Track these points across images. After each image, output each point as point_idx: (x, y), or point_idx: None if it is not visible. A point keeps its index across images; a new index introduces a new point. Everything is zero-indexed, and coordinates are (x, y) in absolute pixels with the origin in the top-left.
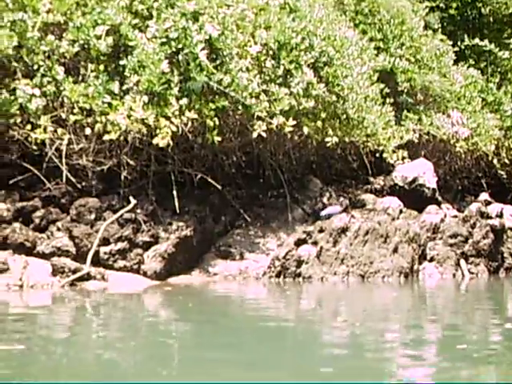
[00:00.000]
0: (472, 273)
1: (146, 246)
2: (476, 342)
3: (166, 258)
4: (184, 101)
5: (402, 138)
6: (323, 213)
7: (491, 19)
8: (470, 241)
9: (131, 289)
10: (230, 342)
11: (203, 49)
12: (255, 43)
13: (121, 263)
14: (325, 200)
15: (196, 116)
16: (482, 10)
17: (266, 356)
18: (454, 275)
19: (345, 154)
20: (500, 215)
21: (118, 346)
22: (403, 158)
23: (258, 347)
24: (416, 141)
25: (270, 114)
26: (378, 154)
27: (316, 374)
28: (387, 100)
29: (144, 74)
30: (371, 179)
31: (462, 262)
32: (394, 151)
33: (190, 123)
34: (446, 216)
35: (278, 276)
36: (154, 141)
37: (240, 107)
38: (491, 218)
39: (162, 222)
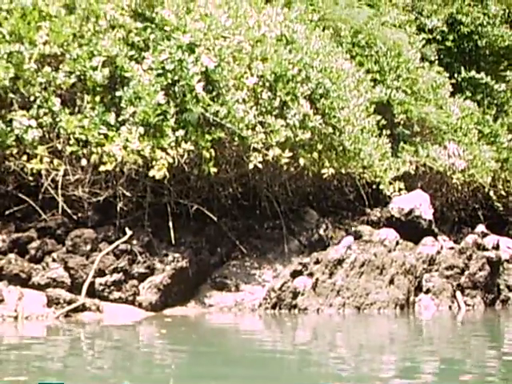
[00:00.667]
0: (468, 305)
1: (142, 278)
2: (474, 374)
3: (161, 289)
4: (180, 132)
5: (398, 169)
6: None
7: (487, 52)
8: (466, 273)
9: (126, 320)
10: (226, 373)
11: (199, 80)
12: (252, 75)
13: (116, 294)
14: (321, 231)
15: (192, 147)
16: (479, 42)
17: None
18: (450, 307)
19: (341, 185)
20: (496, 247)
21: (112, 381)
22: (400, 190)
23: (254, 379)
24: (413, 172)
25: (266, 145)
26: (374, 186)
27: None
28: (384, 132)
29: (140, 105)
30: (368, 211)
31: (458, 294)
32: (390, 183)
33: (186, 155)
34: (442, 248)
35: (273, 308)
36: (151, 173)
37: (236, 139)
38: (487, 249)
39: (157, 254)
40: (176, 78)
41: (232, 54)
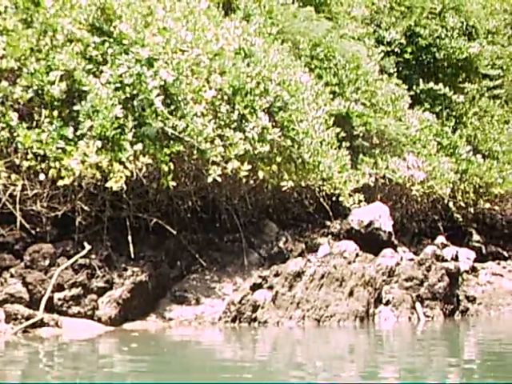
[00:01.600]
0: (427, 316)
1: (101, 292)
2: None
3: (120, 303)
4: (138, 146)
5: (358, 181)
6: (318, 255)
7: (446, 64)
8: (426, 284)
9: (85, 335)
10: None
11: (158, 94)
12: (210, 88)
13: (75, 309)
14: (281, 244)
15: (150, 161)
16: (437, 54)
17: None
18: (410, 318)
19: (301, 197)
20: (455, 258)
21: None
22: (359, 202)
23: None
24: (372, 184)
25: (225, 158)
26: (334, 198)
27: None
28: (343, 144)
29: (97, 119)
30: (328, 223)
31: (418, 305)
32: (350, 195)
33: (144, 168)
34: (402, 259)
35: (233, 321)
36: (108, 184)
37: (195, 152)
38: (447, 261)
39: (116, 268)
40: (134, 91)
41: (190, 68)
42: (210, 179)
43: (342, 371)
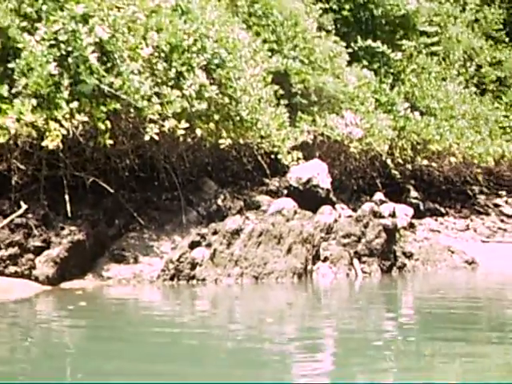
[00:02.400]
0: (365, 272)
1: (38, 251)
2: (371, 334)
3: (58, 262)
4: (74, 104)
5: (296, 139)
6: (270, 211)
7: (383, 21)
8: (363, 240)
9: (23, 294)
10: (123, 347)
11: (93, 51)
12: (147, 45)
13: (12, 269)
14: (219, 202)
15: (87, 119)
16: (375, 11)
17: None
18: (348, 275)
19: (239, 155)
20: (393, 215)
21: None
22: (298, 159)
23: (153, 348)
24: (310, 142)
25: (162, 116)
26: (272, 156)
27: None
28: (281, 101)
29: (32, 76)
30: (266, 181)
31: (356, 261)
32: (288, 152)
33: (80, 126)
34: (340, 216)
35: (171, 279)
36: (44, 143)
37: (132, 110)
38: (384, 217)
39: (54, 227)
40: (69, 48)
41: (127, 25)
42: (147, 137)
43: (280, 326)
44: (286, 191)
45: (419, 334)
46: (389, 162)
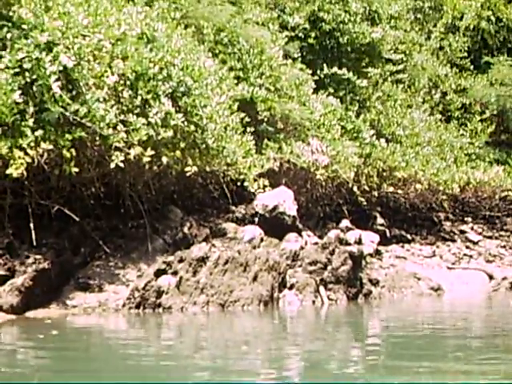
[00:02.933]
0: (331, 299)
1: (2, 280)
2: (338, 365)
3: (22, 291)
4: (39, 132)
5: (262, 166)
6: (246, 238)
7: (349, 48)
8: (329, 267)
9: None
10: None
11: (58, 79)
12: (112, 73)
13: None
14: (185, 230)
15: (52, 147)
16: (340, 39)
17: None
18: (314, 302)
19: (206, 183)
20: (358, 242)
21: None
22: (264, 187)
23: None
24: (277, 169)
25: (127, 144)
26: (239, 183)
27: None
28: (247, 129)
29: None
30: (233, 208)
31: (322, 288)
32: (255, 180)
33: (45, 154)
34: (306, 243)
35: (137, 307)
36: (8, 171)
37: (97, 138)
38: (350, 244)
39: (18, 255)
40: (34, 77)
41: (92, 53)
42: (112, 165)
43: (247, 355)
44: (251, 219)
45: (385, 363)
46: (355, 189)
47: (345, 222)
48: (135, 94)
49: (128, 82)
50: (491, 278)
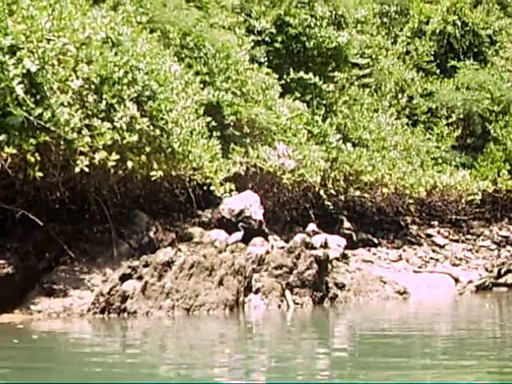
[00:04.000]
0: (297, 303)
1: None
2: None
3: None
4: (3, 136)
5: (229, 170)
6: (230, 241)
7: (316, 53)
8: (295, 272)
9: None
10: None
11: (21, 83)
12: (77, 78)
13: None
14: (151, 234)
15: (16, 151)
16: (307, 43)
17: None
18: (280, 306)
19: (172, 187)
20: (324, 245)
21: None
22: (231, 191)
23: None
24: (243, 173)
25: (92, 148)
26: (205, 187)
27: None
28: (214, 133)
29: None
30: (199, 212)
31: (287, 292)
32: (221, 184)
33: (9, 159)
34: (272, 247)
35: (102, 312)
36: None
37: (62, 142)
38: (316, 248)
39: None
40: None
41: (56, 57)
42: (77, 169)
43: (213, 359)
44: (218, 223)
45: (351, 367)
46: (322, 193)
47: (311, 226)
48: (100, 98)
49: (93, 86)
50: (457, 281)
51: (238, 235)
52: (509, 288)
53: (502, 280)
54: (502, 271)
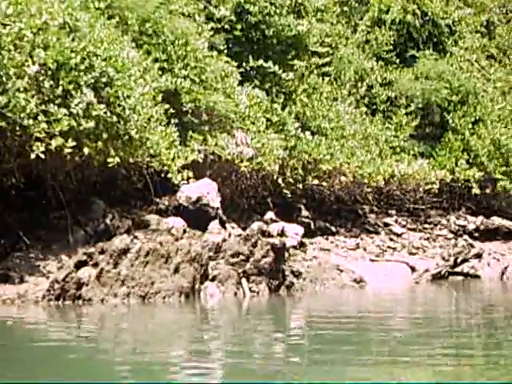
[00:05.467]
0: (253, 291)
1: None
2: (260, 357)
3: None
4: None
5: (186, 158)
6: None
7: (275, 41)
8: (251, 259)
9: None
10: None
11: None
12: (33, 63)
13: None
14: (108, 221)
15: None
16: (266, 31)
17: None
18: (236, 294)
19: (129, 174)
20: (281, 234)
21: None
22: (188, 178)
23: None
24: (201, 161)
25: (49, 134)
26: (163, 175)
27: None
28: (172, 120)
29: None
30: (156, 200)
31: (244, 280)
32: (179, 171)
33: None
34: (230, 235)
35: (57, 299)
36: None
37: (18, 128)
38: (273, 236)
39: None
40: None
41: (13, 42)
42: (33, 156)
43: (169, 347)
44: (175, 210)
45: (307, 356)
46: (280, 181)
47: (269, 214)
48: (56, 84)
49: (49, 72)
50: (413, 270)
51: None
52: (465, 277)
53: (458, 269)
54: (459, 260)
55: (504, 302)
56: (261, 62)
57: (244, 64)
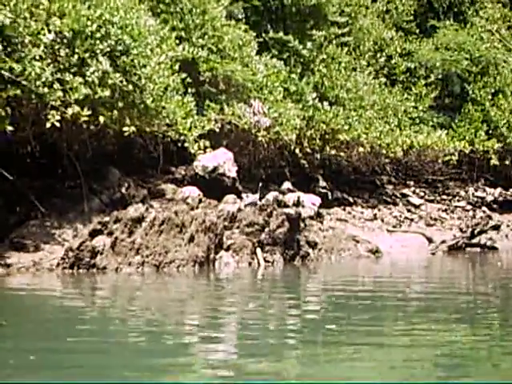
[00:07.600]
0: (268, 261)
1: None
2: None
3: None
4: None
5: (203, 127)
6: (247, 202)
7: (294, 10)
8: (266, 229)
9: None
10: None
11: None
12: (49, 31)
13: None
14: (123, 190)
15: None
16: (285, 1)
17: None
18: (250, 264)
19: (145, 143)
20: (297, 204)
21: None
22: (205, 148)
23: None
24: (218, 130)
25: (64, 103)
26: (179, 144)
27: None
28: (189, 90)
29: None
30: (172, 169)
31: (258, 250)
32: (195, 141)
33: None
34: (245, 205)
35: (71, 267)
36: None
37: (33, 96)
38: (288, 206)
39: None
40: None
41: (29, 10)
42: (48, 124)
43: (183, 315)
44: (191, 180)
45: (322, 324)
46: (297, 151)
47: (286, 185)
48: (72, 52)
49: (65, 40)
50: (430, 241)
51: (255, 197)
52: (481, 249)
53: (475, 240)
54: (476, 232)
55: None
56: (280, 34)
57: (262, 33)
